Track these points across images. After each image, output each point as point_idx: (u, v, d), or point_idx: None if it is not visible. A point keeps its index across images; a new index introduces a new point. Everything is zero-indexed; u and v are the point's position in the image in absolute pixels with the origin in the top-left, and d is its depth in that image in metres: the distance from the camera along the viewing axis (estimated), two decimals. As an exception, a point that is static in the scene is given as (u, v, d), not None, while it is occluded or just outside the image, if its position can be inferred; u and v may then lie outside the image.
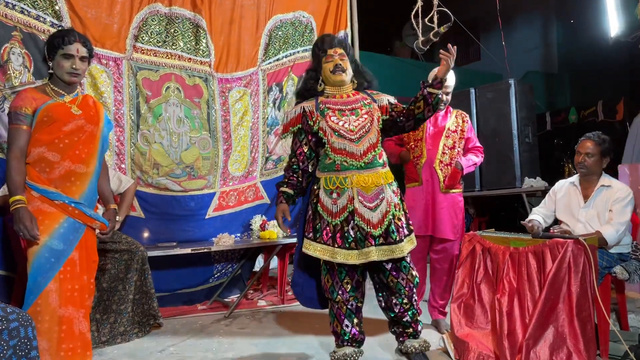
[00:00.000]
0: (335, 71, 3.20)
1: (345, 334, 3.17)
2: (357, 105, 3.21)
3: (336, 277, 3.14)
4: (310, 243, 3.13)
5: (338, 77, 3.20)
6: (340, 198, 3.07)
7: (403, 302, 3.18)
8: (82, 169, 2.83)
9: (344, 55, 3.24)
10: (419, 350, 3.22)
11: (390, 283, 3.17)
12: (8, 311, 2.21)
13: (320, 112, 3.18)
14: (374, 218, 3.05)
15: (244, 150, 5.33)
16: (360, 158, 3.09)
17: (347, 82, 3.26)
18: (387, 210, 3.08)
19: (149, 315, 4.16)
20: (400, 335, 3.28)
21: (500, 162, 6.32)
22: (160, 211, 4.86)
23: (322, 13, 5.77)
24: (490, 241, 3.42)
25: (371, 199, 3.07)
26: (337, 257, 3.04)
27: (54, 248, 2.70)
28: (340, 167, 3.09)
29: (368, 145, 3.11)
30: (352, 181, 3.06)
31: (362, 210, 3.04)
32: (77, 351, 2.74)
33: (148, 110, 4.78)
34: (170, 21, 4.87)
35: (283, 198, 3.22)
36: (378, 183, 3.09)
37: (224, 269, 5.38)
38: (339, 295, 3.13)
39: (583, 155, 3.68)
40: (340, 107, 3.19)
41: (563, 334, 2.98)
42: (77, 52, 2.83)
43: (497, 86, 6.54)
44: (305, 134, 3.24)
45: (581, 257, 2.99)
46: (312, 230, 3.14)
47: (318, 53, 3.29)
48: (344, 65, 3.21)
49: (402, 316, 3.20)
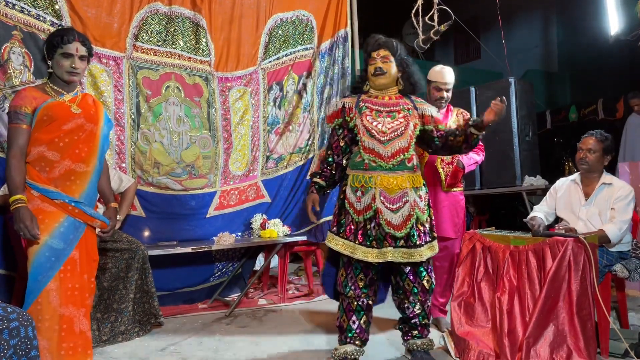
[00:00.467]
0: (375, 74, 3.24)
1: (351, 330, 3.22)
2: (396, 109, 3.24)
3: (351, 273, 3.20)
4: (334, 237, 3.21)
5: (377, 80, 3.25)
6: (364, 197, 3.13)
7: (415, 307, 3.26)
8: (82, 168, 2.83)
9: (388, 57, 3.23)
10: (421, 348, 3.28)
11: (406, 286, 3.24)
12: (8, 311, 2.22)
13: (358, 109, 3.24)
14: (395, 220, 3.09)
15: (244, 149, 5.33)
16: (388, 160, 3.13)
17: (387, 85, 3.28)
18: (410, 213, 3.12)
19: (149, 314, 4.16)
20: (406, 334, 3.36)
21: (501, 161, 6.31)
22: (161, 210, 4.86)
23: (323, 12, 5.77)
24: (490, 239, 3.43)
25: (394, 201, 3.11)
26: (357, 253, 3.11)
27: (54, 247, 2.70)
28: (367, 167, 3.14)
29: (397, 148, 3.14)
30: (377, 181, 3.11)
31: (384, 210, 3.09)
32: (77, 350, 2.74)
33: (148, 109, 4.78)
34: (170, 20, 4.87)
35: (315, 188, 3.29)
36: (403, 186, 3.13)
37: (224, 268, 5.38)
38: (351, 291, 3.19)
39: (585, 151, 3.69)
40: (379, 108, 3.24)
41: (563, 332, 2.99)
42: (77, 51, 2.83)
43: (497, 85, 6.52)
44: (342, 128, 3.30)
45: (581, 255, 2.99)
46: (337, 225, 3.22)
47: (365, 55, 3.34)
48: (385, 68, 3.22)
49: (412, 319, 3.28)
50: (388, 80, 3.25)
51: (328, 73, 5.78)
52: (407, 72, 3.28)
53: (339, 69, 5.84)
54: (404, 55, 3.30)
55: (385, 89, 3.29)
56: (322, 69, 5.75)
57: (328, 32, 5.80)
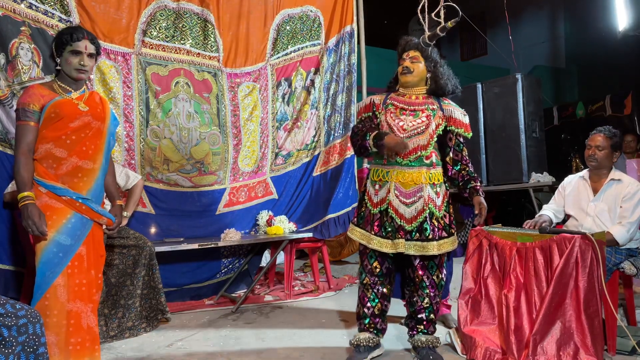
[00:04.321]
0: (402, 73, 3.35)
1: (366, 317, 3.34)
2: (420, 108, 3.33)
3: (366, 261, 3.35)
4: (354, 228, 3.39)
5: (403, 78, 3.36)
6: (381, 190, 3.28)
7: (424, 301, 3.32)
8: (89, 165, 2.84)
9: (417, 57, 3.35)
10: (426, 345, 3.31)
11: (416, 279, 3.32)
12: (17, 307, 2.23)
13: (385, 106, 3.38)
14: (408, 214, 3.21)
15: (253, 146, 5.34)
16: (406, 156, 3.23)
17: (415, 84, 3.37)
18: (424, 208, 3.21)
19: (156, 310, 4.17)
20: (412, 329, 3.41)
21: (507, 157, 6.28)
22: (170, 207, 4.88)
23: (330, 7, 5.76)
24: (497, 236, 3.43)
25: (408, 195, 3.23)
26: (372, 243, 3.25)
27: (62, 243, 2.71)
28: (386, 162, 3.29)
29: (416, 145, 3.23)
30: (392, 176, 3.25)
31: (397, 204, 3.22)
32: (85, 345, 2.75)
33: (157, 105, 4.79)
34: (178, 16, 4.88)
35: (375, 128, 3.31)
36: (418, 181, 3.23)
37: (231, 264, 5.39)
38: (366, 278, 3.34)
39: (593, 148, 3.69)
40: (404, 106, 3.34)
41: (570, 329, 2.98)
42: (85, 49, 2.84)
43: (504, 81, 6.49)
44: (371, 120, 3.42)
45: (589, 252, 2.98)
46: (357, 217, 3.41)
47: (398, 56, 3.46)
48: (412, 68, 3.33)
49: (419, 312, 3.34)
50: (415, 79, 3.34)
51: (334, 69, 5.78)
52: (435, 73, 3.36)
53: (345, 65, 5.83)
54: (435, 57, 3.39)
55: (413, 88, 3.38)
56: (329, 65, 5.75)
57: (335, 28, 5.79)
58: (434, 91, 3.39)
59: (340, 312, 4.55)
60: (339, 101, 5.77)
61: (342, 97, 5.80)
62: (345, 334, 3.91)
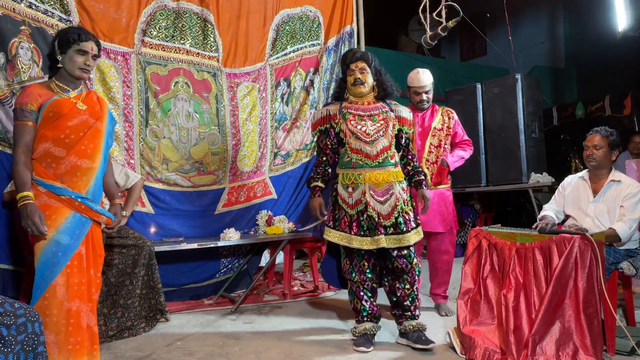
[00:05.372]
0: (355, 84, 3.66)
1: (365, 310, 3.63)
2: (375, 112, 3.66)
3: (354, 261, 3.62)
4: (330, 230, 3.63)
5: (357, 89, 3.67)
6: (354, 192, 3.54)
7: (405, 287, 3.60)
8: (88, 164, 2.84)
9: (365, 68, 3.66)
10: (416, 329, 3.56)
11: (395, 269, 3.60)
12: (16, 306, 2.23)
13: (342, 115, 3.66)
14: (384, 210, 3.51)
15: (252, 146, 5.34)
16: (374, 158, 3.54)
17: (366, 93, 3.70)
18: (396, 204, 3.53)
19: (156, 310, 4.18)
20: (400, 317, 3.66)
21: (507, 158, 6.29)
22: (169, 207, 4.88)
23: (329, 7, 5.77)
24: (496, 236, 3.43)
25: (382, 194, 3.53)
26: (353, 243, 3.52)
27: (61, 242, 2.71)
28: (355, 165, 3.56)
29: (381, 147, 3.56)
30: (365, 178, 3.53)
31: (373, 203, 3.50)
32: (84, 344, 2.75)
33: (157, 105, 4.79)
34: (178, 16, 4.88)
35: (319, 192, 3.71)
36: (388, 180, 3.55)
37: (230, 264, 5.39)
38: (357, 276, 3.61)
39: (591, 148, 3.70)
40: (360, 113, 3.65)
41: (569, 329, 2.99)
42: (91, 49, 2.89)
43: (504, 81, 6.50)
44: (329, 133, 3.71)
45: (588, 252, 2.99)
46: (332, 220, 3.65)
47: (343, 66, 3.76)
48: (363, 78, 3.65)
49: (403, 300, 3.61)
50: (367, 88, 3.68)
51: (334, 69, 5.78)
52: (381, 80, 3.72)
53: (345, 65, 5.84)
54: (378, 66, 3.74)
55: (363, 96, 3.71)
56: (328, 65, 5.75)
57: (334, 28, 5.80)
58: (382, 96, 3.73)
59: (339, 312, 4.55)
60: (338, 101, 5.78)
61: (342, 97, 5.81)
62: (345, 334, 3.91)
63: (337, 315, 4.48)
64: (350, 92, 3.72)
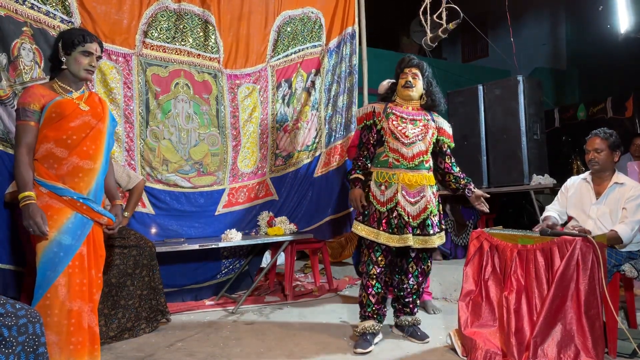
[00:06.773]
0: (405, 86, 3.78)
1: (370, 305, 3.69)
2: (418, 118, 3.79)
3: (372, 255, 3.70)
4: (359, 224, 3.73)
5: (406, 92, 3.79)
6: (387, 190, 3.66)
7: (413, 286, 3.82)
8: (90, 165, 2.84)
9: (417, 75, 3.80)
10: (412, 323, 3.82)
11: (409, 269, 3.81)
12: (17, 307, 2.23)
13: (385, 114, 3.76)
14: (413, 211, 3.64)
15: (253, 147, 5.34)
16: (410, 160, 3.66)
17: (414, 98, 3.82)
18: (426, 207, 3.67)
19: (157, 310, 4.17)
20: (398, 311, 3.91)
21: (508, 159, 6.28)
22: (169, 207, 4.87)
23: (331, 9, 5.77)
24: (498, 238, 3.43)
25: (413, 195, 3.65)
26: (380, 238, 3.63)
27: (62, 243, 2.71)
28: (391, 165, 3.68)
29: (418, 150, 3.69)
30: (399, 178, 3.65)
31: (404, 203, 3.63)
32: (85, 344, 2.76)
33: (157, 106, 4.80)
34: (179, 17, 4.88)
35: (359, 183, 3.76)
36: (421, 183, 3.68)
37: (231, 265, 5.39)
38: (373, 269, 3.69)
39: (592, 152, 3.70)
40: (403, 115, 3.76)
41: (571, 331, 2.98)
42: (96, 50, 2.92)
43: (506, 82, 6.49)
44: (372, 129, 3.81)
45: (589, 254, 2.99)
46: (362, 215, 3.74)
47: (397, 70, 3.87)
48: (414, 83, 3.77)
49: (407, 296, 3.83)
50: (415, 93, 3.79)
51: (335, 71, 5.79)
52: (431, 90, 3.84)
53: (347, 66, 5.85)
54: (430, 77, 3.86)
55: (410, 101, 3.82)
56: (330, 66, 5.75)
57: (336, 30, 5.80)
58: (428, 106, 3.86)
59: (340, 313, 4.55)
60: (340, 102, 5.78)
61: (343, 98, 5.82)
62: (346, 335, 3.91)
63: (339, 316, 4.48)
64: (399, 94, 3.84)
